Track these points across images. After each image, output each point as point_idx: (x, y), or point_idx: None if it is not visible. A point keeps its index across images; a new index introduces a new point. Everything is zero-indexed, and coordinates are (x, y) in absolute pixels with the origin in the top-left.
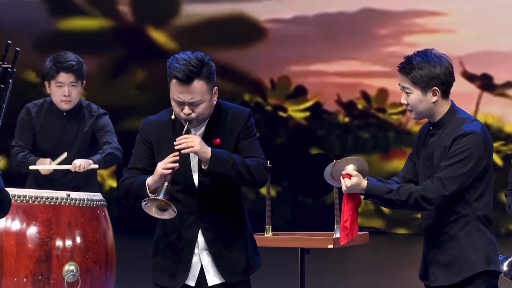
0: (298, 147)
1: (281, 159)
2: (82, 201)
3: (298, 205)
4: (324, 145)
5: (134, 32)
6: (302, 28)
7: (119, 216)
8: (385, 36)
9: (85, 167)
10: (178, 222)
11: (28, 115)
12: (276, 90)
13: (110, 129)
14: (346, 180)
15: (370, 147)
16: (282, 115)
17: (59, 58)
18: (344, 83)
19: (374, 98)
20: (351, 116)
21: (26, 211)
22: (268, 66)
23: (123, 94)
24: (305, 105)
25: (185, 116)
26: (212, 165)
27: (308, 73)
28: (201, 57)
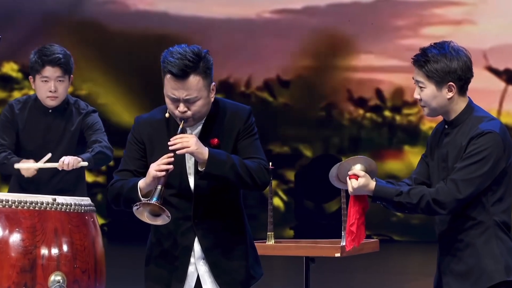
0: (304, 147)
1: (284, 161)
2: (69, 206)
3: (302, 210)
4: (331, 145)
5: None
6: (312, 19)
7: (109, 222)
8: (401, 27)
9: (74, 165)
10: (173, 229)
11: (10, 112)
12: (285, 87)
13: (99, 127)
14: (353, 181)
15: (383, 147)
16: (293, 114)
17: (45, 50)
18: (356, 79)
19: (389, 95)
20: (362, 115)
21: (9, 216)
22: (274, 60)
23: None
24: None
25: (180, 114)
26: (210, 167)
27: (318, 68)
28: (197, 51)
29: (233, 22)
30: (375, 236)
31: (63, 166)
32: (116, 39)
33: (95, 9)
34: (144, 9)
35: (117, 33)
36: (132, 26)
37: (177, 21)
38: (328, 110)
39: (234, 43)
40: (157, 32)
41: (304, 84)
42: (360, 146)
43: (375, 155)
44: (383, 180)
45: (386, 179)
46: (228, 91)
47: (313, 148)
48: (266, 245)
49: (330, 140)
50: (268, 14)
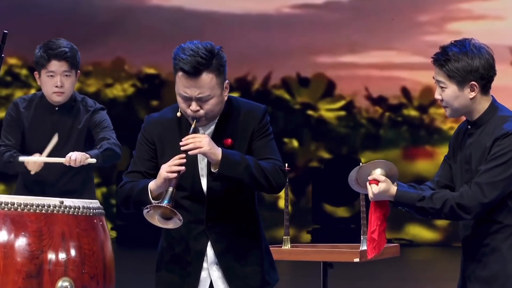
0: (324, 149)
1: (302, 162)
2: (77, 209)
3: (320, 213)
4: (351, 145)
5: None
6: (334, 15)
7: (119, 226)
8: (426, 23)
9: (81, 161)
10: (185, 233)
11: (16, 111)
12: (303, 85)
13: (108, 125)
14: (373, 186)
15: (406, 148)
16: (312, 114)
17: (50, 44)
18: (378, 76)
19: (412, 93)
20: (383, 114)
21: (14, 220)
22: (293, 57)
23: None
24: (339, 104)
25: (192, 113)
26: (223, 168)
27: (339, 65)
28: (210, 47)
29: (251, 18)
30: (395, 241)
31: (70, 162)
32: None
33: (108, 4)
34: (158, 3)
35: (133, 28)
36: (147, 20)
37: (192, 16)
38: (348, 109)
39: (251, 39)
40: (171, 28)
41: (324, 82)
42: (381, 147)
43: (398, 155)
44: (404, 184)
45: (413, 181)
46: (244, 89)
47: (332, 149)
48: (282, 249)
49: (350, 140)
50: (287, 9)
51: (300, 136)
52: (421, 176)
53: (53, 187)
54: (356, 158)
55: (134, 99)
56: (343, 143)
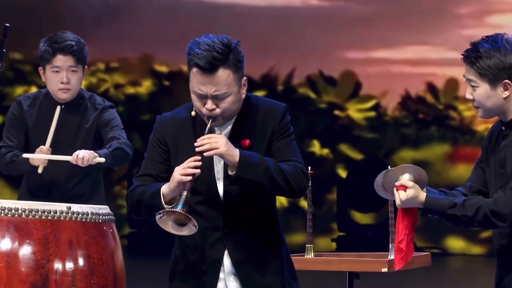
0: (350, 151)
1: (326, 165)
2: (86, 215)
3: (346, 220)
4: (380, 147)
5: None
6: (364, 7)
7: (130, 234)
8: (464, 15)
9: (89, 160)
10: (200, 240)
11: (19, 109)
12: (329, 83)
13: (117, 124)
14: (401, 192)
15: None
16: (339, 114)
17: (55, 38)
18: (410, 73)
19: (449, 91)
20: (416, 114)
21: (18, 227)
22: (319, 53)
23: None
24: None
25: (207, 112)
26: (241, 171)
27: (368, 61)
28: (227, 41)
29: (275, 10)
30: (426, 249)
31: (77, 160)
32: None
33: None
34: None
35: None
36: (163, 13)
37: (213, 8)
38: (377, 109)
39: (275, 33)
40: (189, 21)
41: (351, 80)
42: (412, 150)
43: (431, 159)
44: (434, 190)
45: (448, 187)
46: (267, 87)
47: (359, 151)
48: (305, 258)
49: (379, 142)
50: (315, 1)
51: (325, 137)
52: (460, 181)
53: (59, 191)
54: (384, 162)
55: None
56: (370, 145)
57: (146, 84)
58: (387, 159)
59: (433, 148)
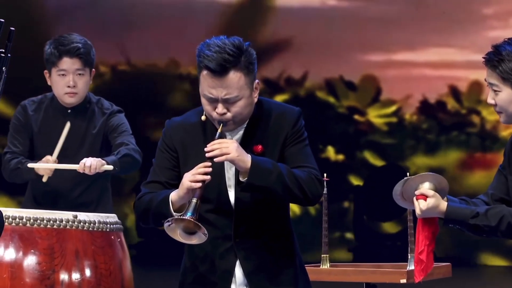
0: (368, 157)
1: (342, 172)
2: (93, 224)
3: (363, 229)
4: (400, 154)
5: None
6: (384, 7)
7: (139, 243)
8: (489, 16)
9: (97, 168)
10: (210, 250)
11: (23, 114)
12: (349, 87)
13: (126, 129)
14: (421, 201)
15: (461, 160)
16: (358, 119)
17: (62, 40)
18: (433, 76)
19: (472, 95)
20: (439, 119)
21: (23, 236)
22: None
23: None
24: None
25: (218, 116)
26: (253, 177)
27: (390, 63)
28: (238, 43)
29: (292, 11)
30: (447, 260)
31: (84, 169)
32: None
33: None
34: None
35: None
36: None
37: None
38: (399, 114)
39: (291, 34)
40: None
41: (372, 84)
42: (433, 157)
43: (452, 167)
44: (455, 199)
45: (471, 195)
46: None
47: (378, 158)
48: (320, 269)
49: (398, 148)
50: (333, 1)
51: (342, 143)
52: (482, 189)
53: (66, 199)
54: (403, 169)
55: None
56: (390, 151)
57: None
58: (406, 166)
59: (453, 154)
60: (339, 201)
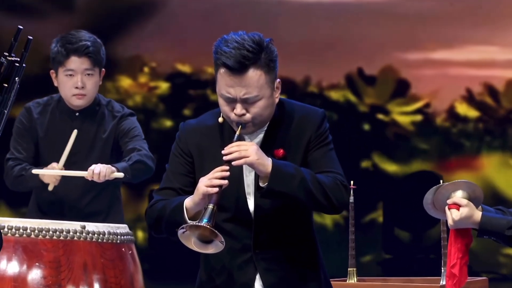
0: (396, 163)
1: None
2: (102, 235)
3: (393, 241)
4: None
5: None
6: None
7: (151, 256)
8: None
9: (106, 175)
10: (228, 262)
11: (28, 117)
12: (370, 84)
13: (138, 133)
14: (454, 211)
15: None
16: (383, 119)
17: (69, 37)
18: (472, 76)
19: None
20: (475, 121)
21: (27, 248)
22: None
23: None
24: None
25: (236, 117)
26: (273, 182)
27: (424, 62)
28: (258, 39)
29: (311, 6)
30: (483, 274)
31: (93, 176)
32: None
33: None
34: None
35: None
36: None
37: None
38: (426, 114)
39: (312, 31)
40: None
41: (396, 82)
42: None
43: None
44: (491, 208)
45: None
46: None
47: (407, 164)
48: (347, 284)
49: (429, 153)
50: None
51: (370, 147)
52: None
53: (73, 209)
54: (437, 176)
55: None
56: (422, 156)
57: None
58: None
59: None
60: (367, 211)
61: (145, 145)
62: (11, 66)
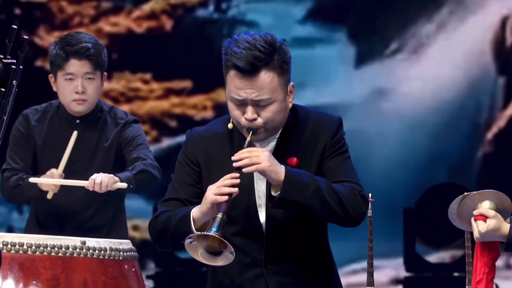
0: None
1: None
2: (104, 251)
3: (414, 257)
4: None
5: None
6: None
7: (156, 273)
8: None
9: (108, 186)
10: (237, 276)
11: (25, 125)
12: None
13: (142, 141)
14: (480, 223)
15: None
16: None
17: (69, 39)
18: None
19: None
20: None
21: (24, 265)
22: None
23: None
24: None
25: (247, 123)
26: (287, 191)
27: None
28: (271, 39)
29: None
30: None
31: (94, 186)
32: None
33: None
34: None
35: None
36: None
37: None
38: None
39: None
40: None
41: None
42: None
43: None
44: None
45: None
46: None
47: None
48: None
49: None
50: None
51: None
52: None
53: (74, 222)
54: (462, 186)
55: None
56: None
57: None
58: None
59: None
60: (387, 225)
61: (150, 154)
62: (8, 69)
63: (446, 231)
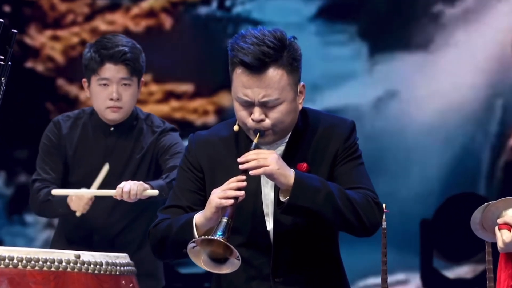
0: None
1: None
2: (99, 265)
3: (432, 271)
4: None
5: None
6: None
7: None
8: None
9: (138, 194)
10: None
11: (56, 133)
12: None
13: (180, 150)
14: (504, 232)
15: None
16: None
17: (105, 42)
18: None
19: None
20: None
21: (13, 280)
22: None
23: None
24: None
25: (254, 124)
26: (296, 196)
27: None
28: (280, 35)
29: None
30: None
31: (122, 195)
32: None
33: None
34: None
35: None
36: None
37: None
38: None
39: None
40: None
41: None
42: None
43: None
44: None
45: None
46: None
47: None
48: None
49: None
50: None
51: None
52: None
53: (102, 237)
54: (483, 196)
55: None
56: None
57: None
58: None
59: None
60: (402, 237)
61: None
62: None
63: (465, 244)
